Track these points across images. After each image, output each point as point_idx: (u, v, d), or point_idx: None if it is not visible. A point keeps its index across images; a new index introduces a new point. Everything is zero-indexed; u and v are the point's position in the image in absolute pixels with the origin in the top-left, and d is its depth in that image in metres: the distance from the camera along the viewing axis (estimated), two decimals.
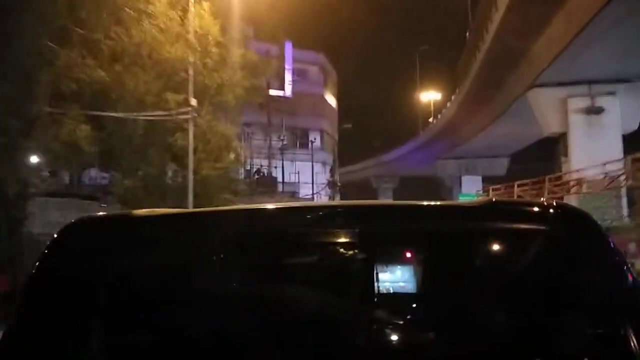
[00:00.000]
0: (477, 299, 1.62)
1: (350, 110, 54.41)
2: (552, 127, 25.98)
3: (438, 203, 1.93)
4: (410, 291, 1.63)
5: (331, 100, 50.97)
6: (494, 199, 2.01)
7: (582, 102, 24.52)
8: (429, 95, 63.10)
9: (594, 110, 24.26)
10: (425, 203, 1.88)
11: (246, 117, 25.77)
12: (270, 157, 36.28)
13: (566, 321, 1.54)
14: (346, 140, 53.38)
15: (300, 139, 45.39)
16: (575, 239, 1.62)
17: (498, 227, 1.68)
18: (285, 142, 38.31)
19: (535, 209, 1.77)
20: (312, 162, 38.21)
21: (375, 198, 65.43)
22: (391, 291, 1.60)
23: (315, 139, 43.98)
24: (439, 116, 48.38)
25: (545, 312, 1.55)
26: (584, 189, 22.87)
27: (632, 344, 1.44)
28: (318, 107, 46.21)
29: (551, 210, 1.70)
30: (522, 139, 39.18)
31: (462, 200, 9.48)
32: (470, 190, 44.90)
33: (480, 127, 37.35)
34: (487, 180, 48.86)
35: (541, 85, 25.10)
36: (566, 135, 25.39)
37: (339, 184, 45.54)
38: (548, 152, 32.49)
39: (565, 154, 25.67)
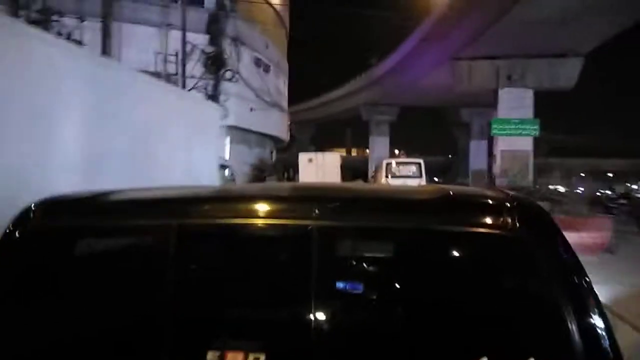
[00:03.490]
0: (420, 301, 1.64)
1: None
2: None
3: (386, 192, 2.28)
4: (350, 291, 1.63)
5: None
6: (450, 192, 1.94)
7: None
8: None
9: None
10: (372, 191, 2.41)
11: None
12: None
13: (514, 320, 1.59)
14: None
15: None
16: (531, 239, 1.62)
17: (451, 226, 1.68)
18: None
19: (492, 206, 1.73)
20: None
21: (366, 134, 44.97)
22: (329, 290, 1.61)
23: None
24: None
25: (493, 312, 1.59)
26: None
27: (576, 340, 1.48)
28: None
29: (509, 208, 1.68)
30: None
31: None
32: (510, 114, 24.69)
33: None
34: (543, 99, 27.55)
35: None
36: None
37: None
38: None
39: None
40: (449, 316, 1.60)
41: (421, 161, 20.40)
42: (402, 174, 19.87)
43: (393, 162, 21.24)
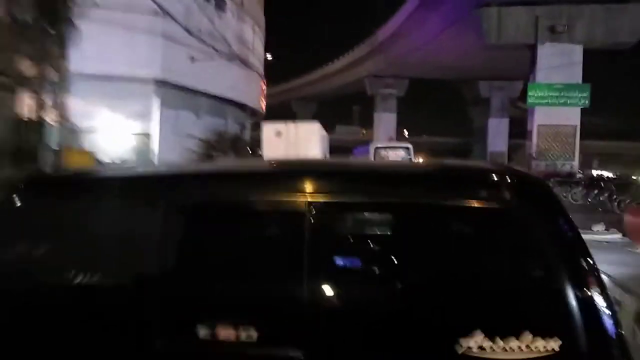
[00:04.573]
0: (414, 274, 1.69)
1: None
2: None
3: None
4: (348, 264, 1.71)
5: None
6: (445, 163, 2.02)
7: None
8: None
9: None
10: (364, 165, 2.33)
11: None
12: None
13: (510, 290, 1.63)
14: None
15: None
16: (529, 213, 1.64)
17: (449, 200, 1.69)
18: None
19: (489, 179, 1.74)
20: None
21: (370, 111, 38.69)
22: (322, 265, 1.66)
23: None
24: None
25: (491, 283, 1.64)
26: None
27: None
28: None
29: (506, 181, 1.70)
30: None
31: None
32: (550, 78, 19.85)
33: None
34: (600, 56, 21.16)
35: None
36: None
37: None
38: None
39: None
40: (444, 290, 1.65)
41: (410, 146, 19.78)
42: (391, 159, 19.15)
43: (382, 146, 20.33)
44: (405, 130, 51.66)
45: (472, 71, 34.39)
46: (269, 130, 15.95)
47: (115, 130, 13.88)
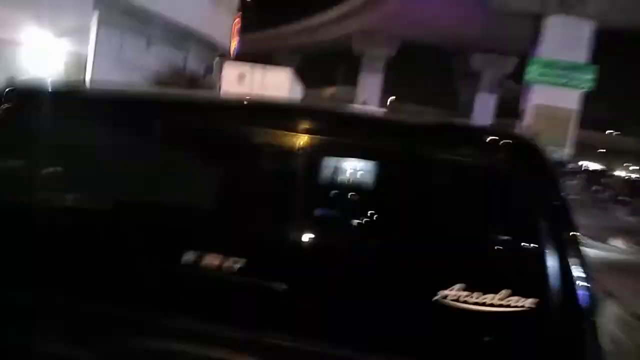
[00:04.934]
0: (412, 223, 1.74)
1: None
2: None
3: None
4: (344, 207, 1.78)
5: None
6: (452, 121, 2.13)
7: None
8: None
9: None
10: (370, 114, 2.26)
11: None
12: None
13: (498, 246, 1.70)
14: None
15: None
16: (522, 175, 1.68)
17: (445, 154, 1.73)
18: None
19: (491, 140, 1.75)
20: None
21: (357, 73, 36.61)
22: (314, 204, 1.75)
23: None
24: None
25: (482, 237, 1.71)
26: None
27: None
28: None
29: (506, 144, 1.72)
30: None
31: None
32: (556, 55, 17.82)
33: None
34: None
35: None
36: None
37: None
38: None
39: None
40: (430, 242, 1.71)
41: (383, 111, 17.32)
42: None
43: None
44: (392, 96, 49.41)
45: (467, 41, 32.38)
46: (231, 72, 13.54)
47: (42, 45, 11.40)
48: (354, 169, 1.79)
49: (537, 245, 1.60)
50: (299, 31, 49.52)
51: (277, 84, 12.76)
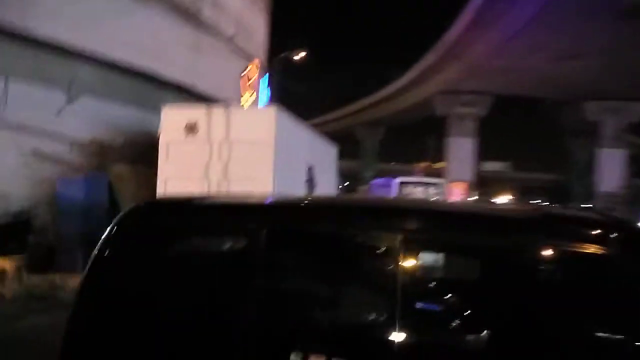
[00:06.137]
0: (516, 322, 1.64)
1: None
2: None
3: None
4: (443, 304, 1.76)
5: None
6: (551, 210, 2.14)
7: None
8: None
9: None
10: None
11: None
12: None
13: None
14: None
15: None
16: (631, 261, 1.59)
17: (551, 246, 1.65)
18: None
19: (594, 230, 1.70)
20: None
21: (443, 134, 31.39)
22: (415, 303, 1.72)
23: None
24: None
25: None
26: None
27: None
28: None
29: (609, 229, 1.66)
30: None
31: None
32: None
33: None
34: None
35: None
36: None
37: None
38: None
39: None
40: (544, 337, 1.60)
41: (442, 181, 17.88)
42: (417, 196, 16.30)
43: (408, 181, 17.86)
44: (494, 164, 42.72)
45: (575, 85, 25.76)
46: (173, 119, 8.15)
47: None
48: (461, 266, 1.81)
49: None
50: (378, 101, 44.97)
51: (254, 137, 7.22)
